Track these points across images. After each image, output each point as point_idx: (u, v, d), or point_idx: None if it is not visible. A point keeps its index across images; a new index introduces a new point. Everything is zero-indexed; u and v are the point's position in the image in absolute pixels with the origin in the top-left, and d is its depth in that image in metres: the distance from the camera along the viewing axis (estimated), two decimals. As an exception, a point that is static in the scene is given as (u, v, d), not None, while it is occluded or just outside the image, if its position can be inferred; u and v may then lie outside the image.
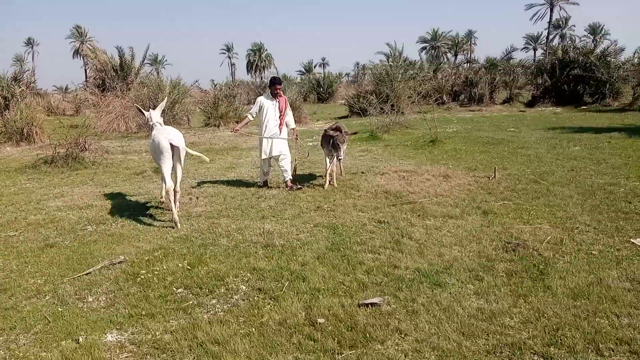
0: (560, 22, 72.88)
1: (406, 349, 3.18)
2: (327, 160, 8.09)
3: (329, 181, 8.04)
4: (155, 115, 7.03)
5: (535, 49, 75.60)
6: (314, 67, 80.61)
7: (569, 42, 40.57)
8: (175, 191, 6.39)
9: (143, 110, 7.24)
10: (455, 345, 3.18)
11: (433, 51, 70.73)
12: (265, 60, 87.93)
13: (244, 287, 4.30)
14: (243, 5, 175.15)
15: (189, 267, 4.76)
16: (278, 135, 8.08)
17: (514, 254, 4.75)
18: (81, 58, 70.08)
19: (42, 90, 39.11)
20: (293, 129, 8.41)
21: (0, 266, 4.99)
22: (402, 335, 3.35)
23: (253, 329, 3.54)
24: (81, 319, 3.80)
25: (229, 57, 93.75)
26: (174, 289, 4.32)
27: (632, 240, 5.01)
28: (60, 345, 3.43)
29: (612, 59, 25.14)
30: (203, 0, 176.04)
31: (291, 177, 8.16)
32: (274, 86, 8.12)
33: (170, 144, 6.31)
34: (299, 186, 8.00)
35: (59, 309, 3.98)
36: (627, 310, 3.54)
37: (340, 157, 7.81)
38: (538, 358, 3.03)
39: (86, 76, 54.41)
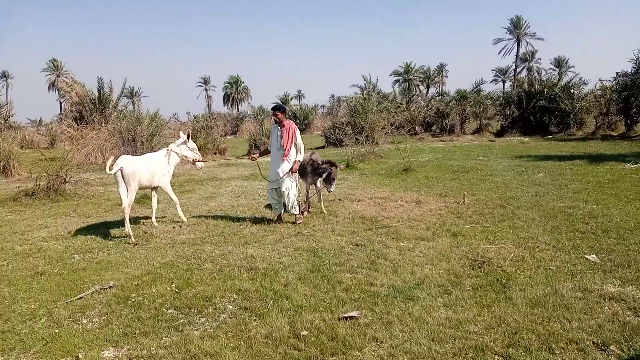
0: (527, 56, 76.06)
1: (382, 354, 3.52)
2: (309, 189, 8.50)
3: (308, 209, 8.39)
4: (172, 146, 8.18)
5: (504, 81, 78.65)
6: (290, 99, 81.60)
7: (536, 75, 42.46)
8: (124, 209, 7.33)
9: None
10: (426, 349, 3.54)
11: (406, 84, 72.61)
12: (242, 93, 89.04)
13: (231, 307, 4.59)
14: (220, 38, 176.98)
15: (177, 290, 5.04)
16: (280, 168, 7.74)
17: (479, 270, 5.16)
18: (56, 91, 70.02)
19: (15, 123, 38.92)
20: (295, 161, 7.77)
21: (-8, 293, 5.18)
22: (378, 343, 3.70)
23: (242, 342, 3.84)
24: (78, 339, 4.04)
25: (206, 90, 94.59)
26: (164, 310, 4.58)
27: (586, 256, 5.47)
28: (61, 361, 3.67)
29: (575, 91, 26.45)
30: (179, 32, 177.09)
31: (296, 212, 7.86)
32: (273, 112, 7.82)
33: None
34: (301, 220, 7.80)
35: (56, 330, 4.21)
36: (578, 315, 3.96)
37: (331, 190, 8.20)
38: (498, 357, 3.41)
39: (61, 109, 54.33)
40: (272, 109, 8.02)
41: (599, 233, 6.35)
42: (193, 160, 8.24)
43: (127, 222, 7.31)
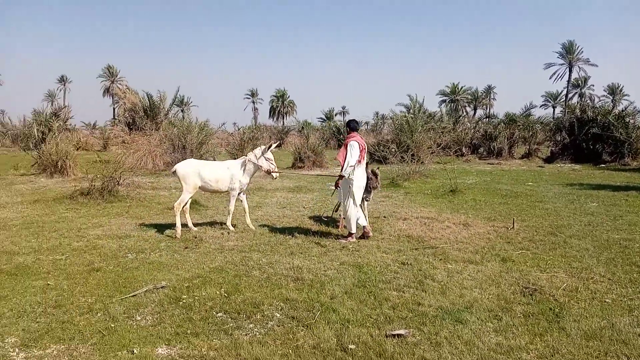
0: (580, 82, 73.90)
1: (431, 374, 3.49)
2: None
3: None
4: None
5: (554, 107, 76.49)
6: (335, 114, 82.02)
7: (588, 101, 41.18)
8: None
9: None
10: (477, 373, 3.48)
11: (452, 104, 71.87)
12: (287, 107, 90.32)
13: (279, 315, 4.65)
14: (268, 52, 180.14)
15: (226, 295, 5.15)
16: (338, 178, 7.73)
17: (531, 298, 5.04)
18: (111, 97, 73.02)
19: (71, 125, 40.72)
20: (339, 175, 7.69)
21: (52, 285, 5.44)
22: (427, 363, 3.67)
23: (290, 351, 3.89)
24: (133, 334, 4.19)
25: (253, 102, 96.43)
26: (214, 313, 4.69)
27: (645, 291, 5.26)
28: (118, 355, 3.82)
29: (631, 120, 25.54)
30: (228, 45, 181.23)
31: (347, 226, 7.67)
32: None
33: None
34: (344, 241, 7.56)
35: (112, 325, 4.38)
36: (637, 352, 3.82)
37: (368, 200, 8.24)
38: (553, 388, 3.32)
39: (114, 114, 56.63)
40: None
41: (658, 268, 6.09)
42: (267, 170, 8.43)
43: (178, 219, 7.91)
